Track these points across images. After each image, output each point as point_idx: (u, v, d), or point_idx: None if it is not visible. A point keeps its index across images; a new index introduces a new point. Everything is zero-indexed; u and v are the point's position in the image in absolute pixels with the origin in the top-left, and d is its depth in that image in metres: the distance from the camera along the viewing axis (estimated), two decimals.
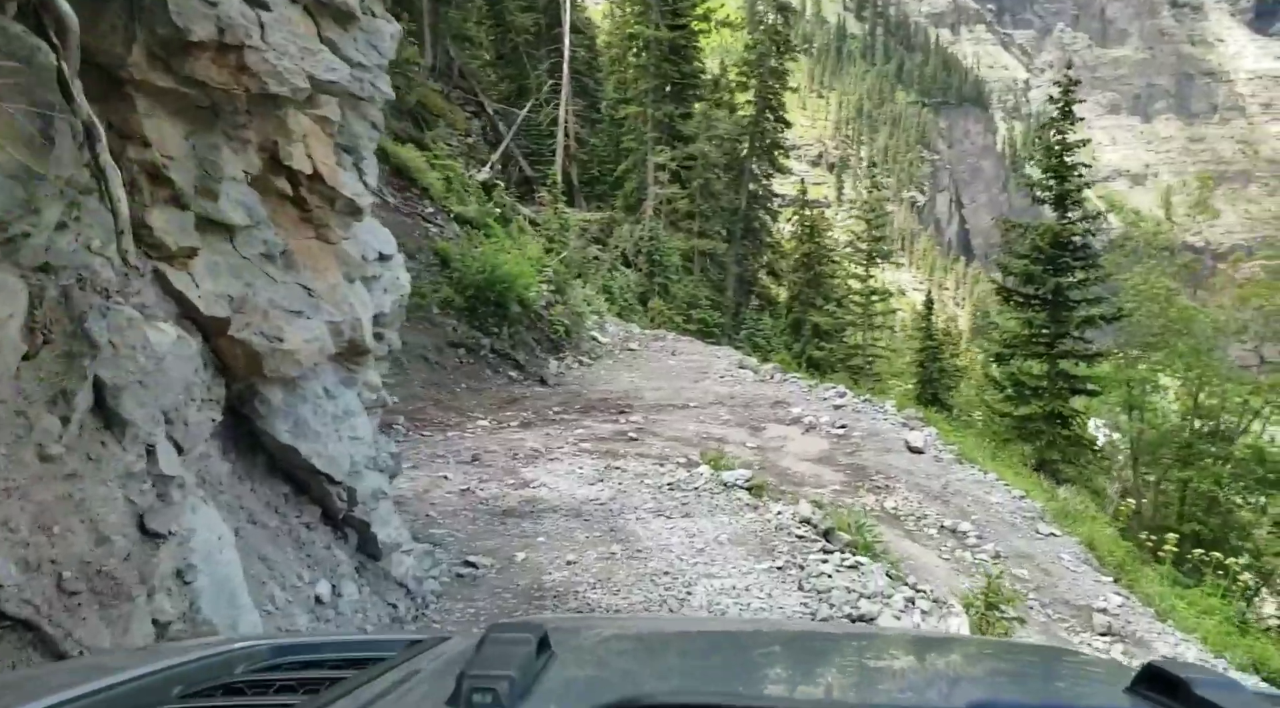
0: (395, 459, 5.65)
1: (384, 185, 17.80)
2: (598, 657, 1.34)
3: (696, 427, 14.38)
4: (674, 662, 1.36)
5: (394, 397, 13.92)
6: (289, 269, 4.38)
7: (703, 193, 29.31)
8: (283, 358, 4.10)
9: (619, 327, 21.08)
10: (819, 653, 1.42)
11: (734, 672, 1.23)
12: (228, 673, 1.46)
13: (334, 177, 4.61)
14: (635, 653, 1.41)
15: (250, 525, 4.28)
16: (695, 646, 1.51)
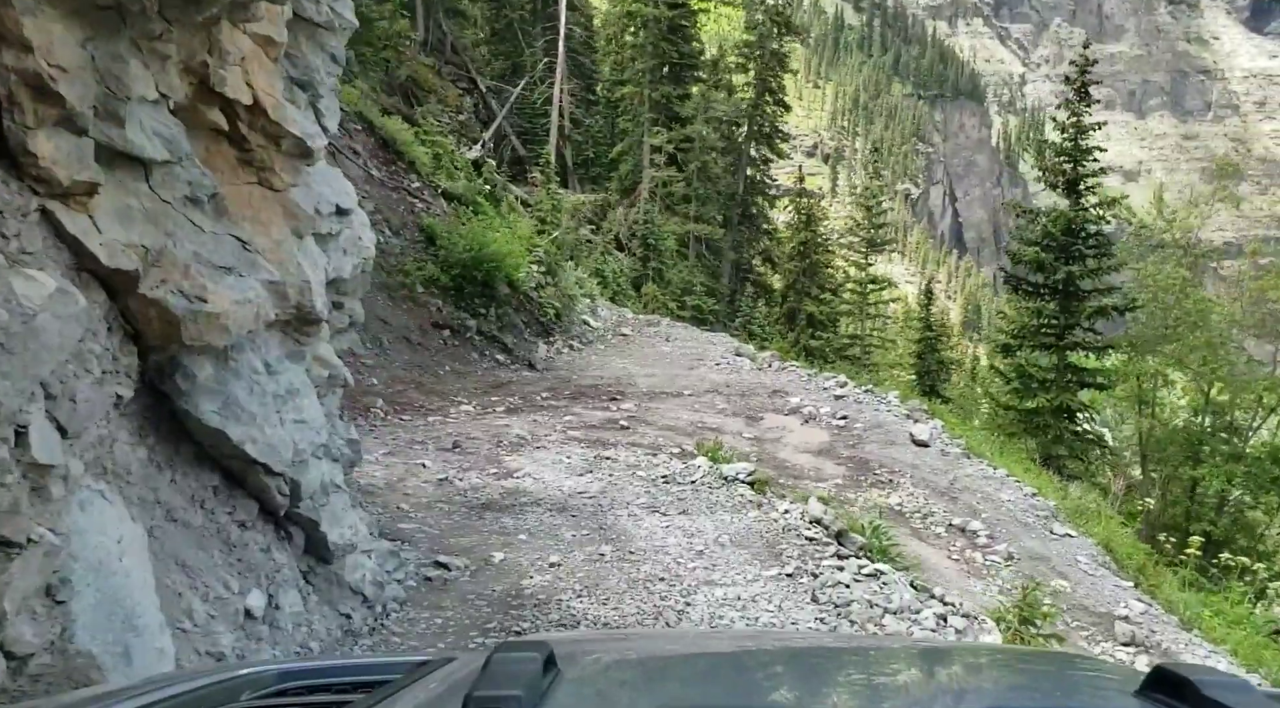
0: (354, 447, 4.93)
1: (370, 158, 17.02)
2: (604, 676, 1.30)
3: (691, 416, 13.69)
4: (681, 680, 1.31)
5: (374, 378, 13.22)
6: (220, 217, 3.64)
7: (700, 176, 28.54)
8: (206, 323, 3.37)
9: (611, 311, 20.35)
10: (828, 667, 1.39)
11: (742, 689, 1.20)
12: (233, 700, 1.43)
13: (279, 110, 3.87)
14: (642, 672, 1.36)
15: (169, 524, 3.56)
16: (702, 663, 1.46)
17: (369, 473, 9.10)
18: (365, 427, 11.25)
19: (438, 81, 28.49)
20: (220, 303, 3.40)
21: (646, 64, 29.97)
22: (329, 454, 4.36)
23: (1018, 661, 1.73)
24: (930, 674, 1.41)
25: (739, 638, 2.50)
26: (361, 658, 2.63)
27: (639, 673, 1.35)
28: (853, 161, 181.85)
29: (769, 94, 30.94)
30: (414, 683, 1.32)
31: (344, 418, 5.25)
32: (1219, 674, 1.06)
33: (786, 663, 1.44)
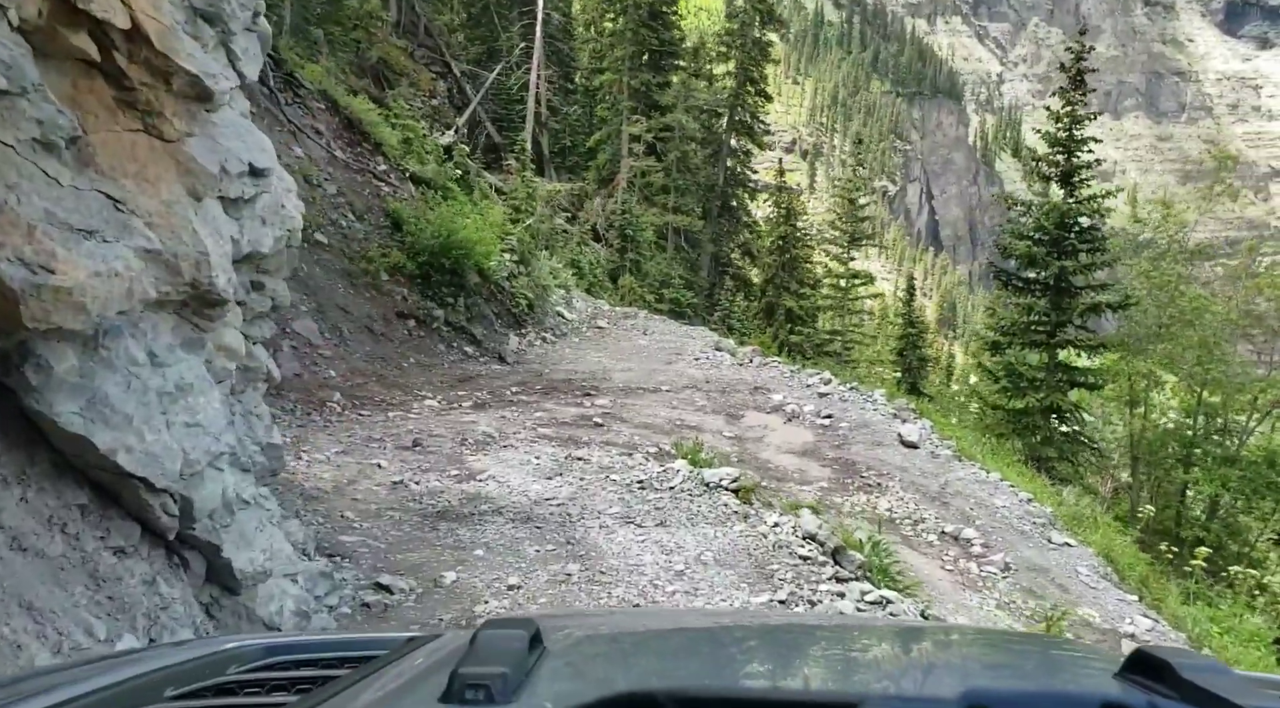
0: (273, 453, 4.16)
1: (334, 139, 16.18)
2: (591, 652, 1.29)
3: (669, 413, 13.00)
4: (668, 655, 1.30)
5: (331, 370, 12.42)
6: (85, 169, 2.88)
7: (679, 167, 27.79)
8: (54, 299, 2.60)
9: (587, 302, 19.59)
10: (813, 644, 1.41)
11: (729, 664, 1.23)
12: (220, 673, 1.42)
13: (167, 40, 3.10)
14: (628, 648, 1.36)
15: (15, 555, 2.80)
16: (689, 639, 1.43)
17: (317, 475, 8.34)
18: (320, 423, 10.49)
19: (410, 64, 27.59)
20: (74, 274, 2.64)
21: (626, 51, 29.18)
22: (236, 463, 3.60)
23: (998, 641, 1.75)
24: (908, 653, 1.41)
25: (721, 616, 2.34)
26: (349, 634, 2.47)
27: (624, 650, 1.34)
28: (830, 158, 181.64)
29: (750, 84, 30.19)
30: (400, 659, 1.32)
31: (269, 417, 4.47)
32: (1197, 657, 1.07)
33: (767, 640, 1.44)
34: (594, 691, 0.91)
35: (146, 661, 1.43)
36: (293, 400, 10.86)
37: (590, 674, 1.14)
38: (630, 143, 28.69)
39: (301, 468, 8.41)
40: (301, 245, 12.66)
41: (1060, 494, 12.25)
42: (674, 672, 1.17)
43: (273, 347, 11.48)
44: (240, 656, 1.51)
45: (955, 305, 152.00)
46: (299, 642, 1.66)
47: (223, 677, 1.43)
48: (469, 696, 0.91)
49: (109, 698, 1.28)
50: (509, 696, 0.92)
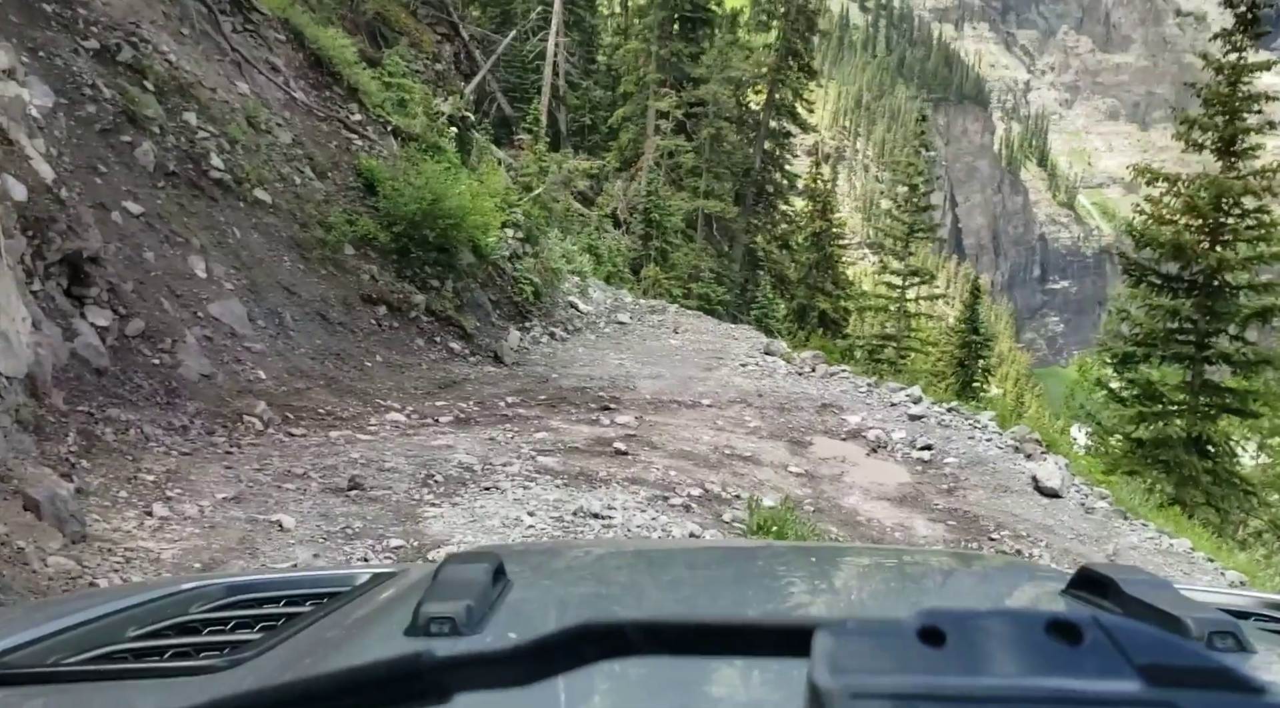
0: None
1: (295, 78, 12.93)
2: (554, 584, 1.31)
3: (713, 437, 9.76)
4: (630, 585, 1.33)
5: (260, 371, 9.13)
6: None
7: (712, 146, 24.47)
8: None
9: (605, 292, 16.28)
10: (773, 570, 1.43)
11: (690, 592, 1.25)
12: (182, 612, 1.40)
13: None
14: (592, 578, 1.38)
15: None
16: (652, 569, 1.46)
17: (157, 546, 5.07)
18: (221, 448, 7.24)
19: (412, 23, 24.34)
20: None
21: (655, 17, 25.95)
22: None
23: (951, 563, 1.78)
24: (865, 576, 1.42)
25: (682, 545, 2.51)
26: (314, 572, 2.11)
27: (587, 581, 1.34)
28: (854, 162, 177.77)
29: (793, 57, 26.81)
30: (364, 594, 1.32)
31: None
32: (1140, 573, 1.09)
33: (727, 568, 1.44)
34: (557, 621, 0.86)
35: (106, 601, 1.39)
36: (190, 413, 7.60)
37: (554, 605, 1.14)
38: (657, 119, 25.46)
39: (136, 531, 5.16)
40: (232, 201, 9.31)
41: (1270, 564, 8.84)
42: (636, 601, 1.19)
43: (170, 334, 8.23)
44: (203, 595, 1.48)
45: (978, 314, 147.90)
46: (263, 580, 1.60)
47: (185, 616, 1.39)
48: (433, 629, 0.91)
49: (69, 639, 1.25)
50: (473, 628, 0.93)
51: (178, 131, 10.01)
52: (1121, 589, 1.03)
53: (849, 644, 0.60)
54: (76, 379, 6.74)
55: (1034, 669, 0.57)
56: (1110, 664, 0.58)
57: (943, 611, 0.62)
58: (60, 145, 8.27)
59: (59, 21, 9.35)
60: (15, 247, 6.02)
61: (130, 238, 8.61)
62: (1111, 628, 0.61)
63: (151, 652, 1.26)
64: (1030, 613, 0.62)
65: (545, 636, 0.75)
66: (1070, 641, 0.59)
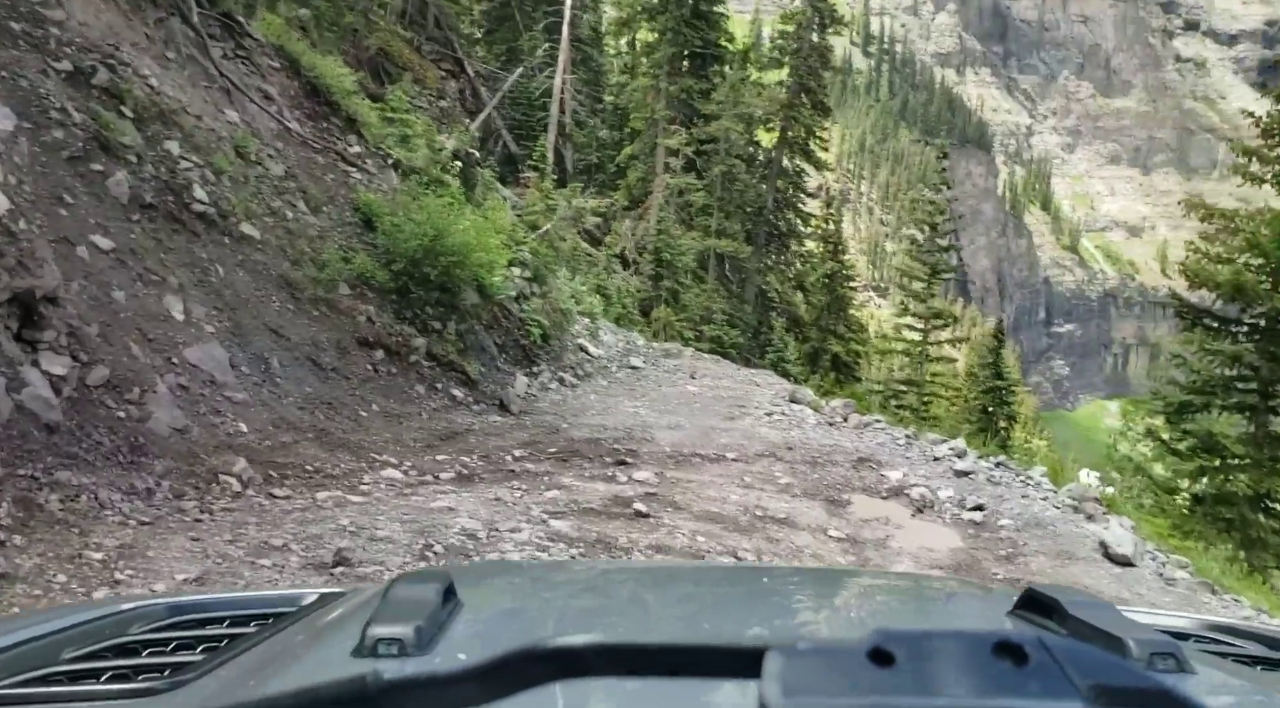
0: None
1: (289, 108, 12.17)
2: (507, 603, 1.26)
3: (742, 496, 8.87)
4: (583, 606, 1.28)
5: (241, 422, 8.22)
6: None
7: (724, 184, 23.72)
8: None
9: (616, 335, 15.40)
10: (732, 590, 1.42)
11: (643, 614, 1.25)
12: (120, 633, 1.35)
13: None
14: (544, 598, 1.32)
15: None
16: (605, 590, 1.42)
17: None
18: (190, 514, 6.33)
19: (416, 59, 23.79)
20: None
21: (664, 53, 25.37)
22: None
23: (901, 585, 1.77)
24: (816, 598, 1.42)
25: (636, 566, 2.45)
26: (259, 592, 1.86)
27: (539, 601, 1.29)
28: (858, 205, 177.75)
29: (806, 94, 26.17)
30: (311, 615, 1.29)
31: None
32: (1084, 595, 1.09)
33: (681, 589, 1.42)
34: (508, 642, 0.86)
35: (40, 623, 1.34)
36: (156, 474, 6.68)
37: (505, 626, 1.13)
38: (667, 157, 24.77)
39: None
40: (216, 236, 8.44)
41: None
42: (588, 622, 1.18)
43: (138, 383, 7.33)
44: (143, 615, 1.44)
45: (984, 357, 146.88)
46: (205, 600, 1.57)
47: (124, 637, 1.34)
48: (382, 650, 0.88)
49: (1, 662, 1.20)
50: (423, 649, 0.89)
51: (157, 161, 9.20)
52: (1066, 611, 1.03)
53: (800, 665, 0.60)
54: (20, 437, 5.83)
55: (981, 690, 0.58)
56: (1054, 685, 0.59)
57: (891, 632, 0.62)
58: (20, 172, 7.43)
59: (28, 41, 8.57)
60: None
61: (97, 275, 7.74)
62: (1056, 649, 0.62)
63: (88, 674, 1.19)
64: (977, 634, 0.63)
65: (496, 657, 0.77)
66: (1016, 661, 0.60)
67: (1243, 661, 1.28)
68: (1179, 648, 0.95)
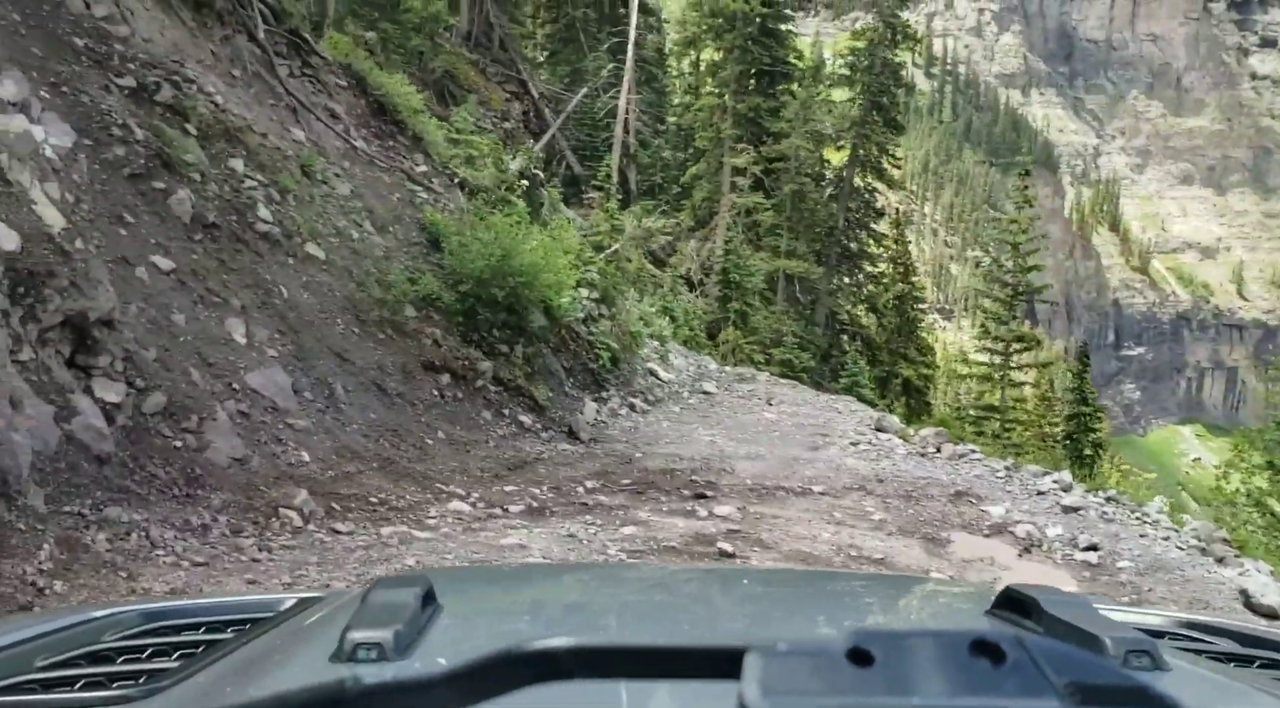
0: None
1: (356, 126, 11.89)
2: (485, 608, 1.31)
3: (833, 533, 8.23)
4: (563, 609, 1.33)
5: (304, 451, 7.79)
6: None
7: (794, 203, 23.10)
8: None
9: (687, 359, 14.84)
10: (712, 592, 1.43)
11: (622, 616, 1.25)
12: (95, 640, 1.33)
13: None
14: (524, 602, 1.36)
15: None
16: (585, 593, 1.45)
17: None
18: (248, 552, 5.90)
19: (481, 81, 23.67)
20: None
21: (731, 71, 24.89)
22: None
23: (881, 586, 1.78)
24: (796, 599, 1.41)
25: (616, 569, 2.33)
26: (235, 597, 1.94)
27: (518, 605, 1.33)
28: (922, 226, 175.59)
29: (878, 111, 25.49)
30: (289, 620, 1.28)
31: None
32: (1062, 594, 1.11)
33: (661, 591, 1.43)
34: (487, 646, 0.84)
35: (13, 631, 1.33)
36: (214, 508, 6.27)
37: (484, 630, 1.13)
38: (733, 176, 24.22)
39: None
40: (280, 257, 8.09)
41: None
42: (568, 625, 1.18)
43: (197, 410, 6.95)
44: (118, 622, 1.42)
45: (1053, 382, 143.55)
46: (180, 606, 1.55)
47: (98, 644, 1.33)
48: (360, 654, 0.87)
49: None
50: (402, 654, 0.89)
51: (221, 179, 8.90)
52: (1043, 609, 1.03)
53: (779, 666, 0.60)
54: (68, 471, 5.45)
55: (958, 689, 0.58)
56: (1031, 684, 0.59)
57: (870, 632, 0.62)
58: (79, 190, 7.14)
59: (90, 57, 8.33)
60: None
61: (157, 298, 7.41)
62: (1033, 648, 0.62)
63: (62, 682, 1.17)
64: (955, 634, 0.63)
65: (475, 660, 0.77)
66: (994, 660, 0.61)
67: (1217, 657, 1.28)
68: (1154, 646, 0.94)
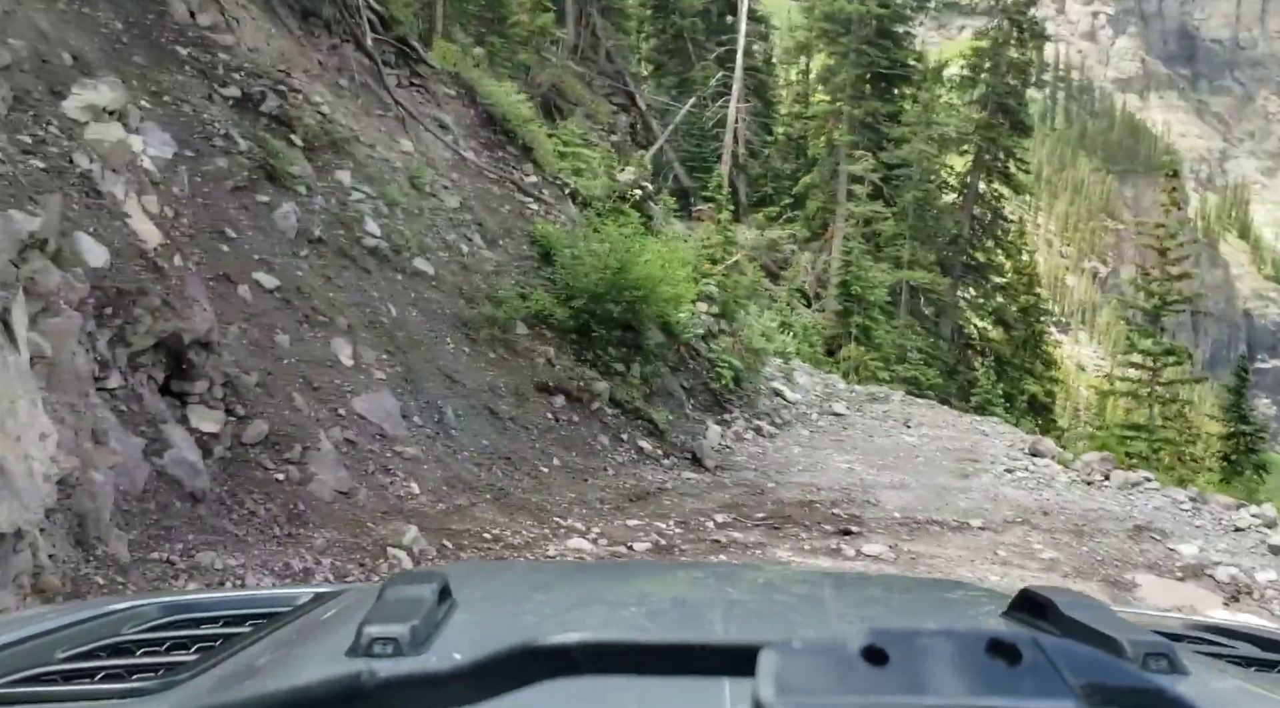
0: None
1: (465, 137, 11.39)
2: (501, 604, 1.26)
3: (1000, 575, 7.25)
4: (578, 605, 1.31)
5: (413, 483, 7.12)
6: None
7: (916, 210, 21.90)
8: None
9: (813, 377, 13.90)
10: (720, 591, 1.42)
11: (636, 613, 1.25)
12: (114, 633, 1.33)
13: None
14: (539, 598, 1.32)
15: None
16: (599, 590, 1.43)
17: None
18: None
19: (587, 94, 23.21)
20: None
21: (847, 76, 23.85)
22: None
23: (896, 586, 1.76)
24: (810, 598, 1.42)
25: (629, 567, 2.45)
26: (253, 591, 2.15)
27: (534, 601, 1.29)
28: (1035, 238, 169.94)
29: (1004, 113, 24.09)
30: (305, 614, 1.28)
31: None
32: (1079, 596, 1.09)
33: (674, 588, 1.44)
34: (503, 641, 0.84)
35: (35, 622, 1.33)
36: (317, 549, 5.67)
37: (499, 625, 1.12)
38: (850, 184, 23.15)
39: None
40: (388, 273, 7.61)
41: None
42: (583, 621, 1.18)
43: (300, 439, 6.40)
44: (137, 615, 1.42)
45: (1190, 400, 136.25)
46: (199, 600, 1.55)
47: (117, 636, 1.32)
48: (376, 649, 0.87)
49: None
50: (418, 648, 0.89)
51: (327, 192, 8.43)
52: (1060, 611, 1.03)
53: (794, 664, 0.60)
54: (158, 512, 4.90)
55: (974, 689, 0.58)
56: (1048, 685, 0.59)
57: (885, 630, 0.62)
58: (178, 204, 6.69)
59: (194, 66, 7.96)
60: (63, 327, 4.25)
61: (260, 318, 6.91)
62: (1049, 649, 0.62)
63: (81, 674, 1.17)
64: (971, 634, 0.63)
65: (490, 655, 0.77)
66: (1010, 661, 0.60)
67: (1236, 661, 1.25)
68: (1173, 649, 0.93)
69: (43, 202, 4.36)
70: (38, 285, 4.12)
